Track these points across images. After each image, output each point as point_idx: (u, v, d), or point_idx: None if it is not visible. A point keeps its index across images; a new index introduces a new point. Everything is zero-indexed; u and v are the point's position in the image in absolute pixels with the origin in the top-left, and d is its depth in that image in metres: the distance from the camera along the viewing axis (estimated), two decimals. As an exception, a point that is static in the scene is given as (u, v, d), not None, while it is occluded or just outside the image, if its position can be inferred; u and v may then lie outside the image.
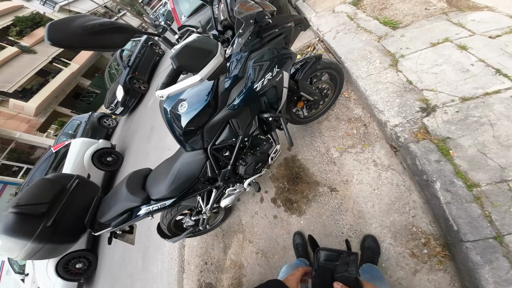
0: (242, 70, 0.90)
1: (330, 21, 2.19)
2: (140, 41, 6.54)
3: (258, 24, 0.89)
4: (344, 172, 1.40)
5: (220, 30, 1.03)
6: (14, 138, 8.84)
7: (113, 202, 1.15)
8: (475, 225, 0.86)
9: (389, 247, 1.08)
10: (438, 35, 1.56)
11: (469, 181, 0.95)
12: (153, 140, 3.92)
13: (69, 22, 0.53)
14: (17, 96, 10.39)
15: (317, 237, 1.34)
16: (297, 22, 1.09)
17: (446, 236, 0.95)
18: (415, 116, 1.28)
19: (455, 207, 0.92)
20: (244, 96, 0.92)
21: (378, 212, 1.18)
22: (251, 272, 1.50)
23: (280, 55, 0.98)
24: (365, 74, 1.62)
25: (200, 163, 1.09)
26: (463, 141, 1.06)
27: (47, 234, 0.95)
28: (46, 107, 11.16)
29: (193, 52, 0.63)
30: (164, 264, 2.12)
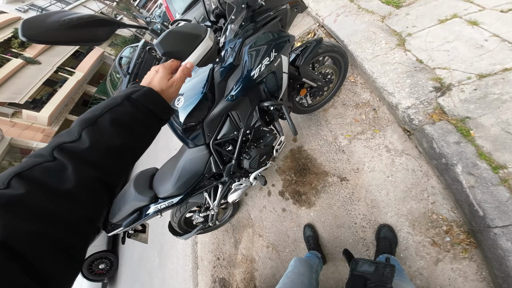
0: (237, 58, 0.84)
1: (329, 5, 2.04)
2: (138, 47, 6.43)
3: (251, 8, 0.83)
4: (354, 160, 1.31)
5: (213, 21, 0.96)
6: (32, 148, 9.06)
7: (122, 202, 1.13)
8: (503, 209, 0.77)
9: (407, 236, 1.00)
10: (445, 12, 1.43)
11: (494, 162, 0.85)
12: (161, 140, 3.91)
13: (45, 18, 0.49)
14: (28, 107, 10.60)
15: (328, 228, 1.27)
16: (293, 4, 1.01)
17: (470, 222, 0.86)
18: (428, 96, 1.17)
19: (480, 191, 0.82)
20: (241, 85, 0.86)
21: (394, 200, 1.09)
22: (262, 266, 1.46)
23: (276, 39, 0.91)
24: (371, 56, 1.50)
25: (204, 159, 1.05)
26: (485, 120, 0.95)
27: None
28: (57, 116, 11.37)
29: (179, 37, 0.58)
30: (179, 261, 2.13)
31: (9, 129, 9.66)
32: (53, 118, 11.07)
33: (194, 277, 1.88)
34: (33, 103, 10.93)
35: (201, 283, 1.82)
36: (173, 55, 0.58)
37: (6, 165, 8.09)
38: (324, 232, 1.27)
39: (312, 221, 1.34)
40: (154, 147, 4.03)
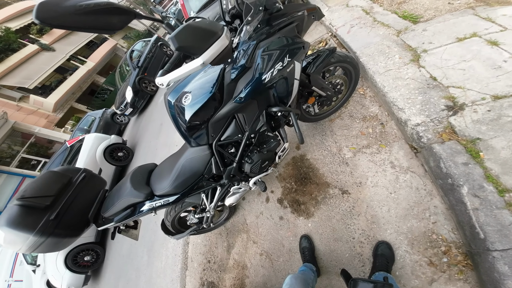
0: (250, 60, 0.85)
1: (344, 15, 2.12)
2: (150, 41, 6.75)
3: (268, 11, 0.85)
4: (357, 173, 1.33)
5: (228, 21, 0.98)
6: (33, 133, 9.44)
7: (117, 197, 1.14)
8: (505, 233, 0.79)
9: (405, 254, 1.00)
10: (464, 30, 1.46)
11: (501, 185, 0.86)
12: (162, 136, 4.02)
13: (62, 1, 0.51)
14: (37, 92, 11.16)
15: (325, 241, 1.28)
16: (310, 11, 1.04)
17: (470, 244, 0.87)
18: (440, 114, 1.19)
19: (484, 213, 0.84)
20: (251, 88, 0.87)
21: (394, 217, 1.10)
22: (254, 274, 1.47)
23: (291, 44, 0.92)
24: (383, 70, 1.54)
25: (205, 159, 1.06)
26: (496, 142, 0.96)
27: (50, 227, 0.94)
28: (63, 103, 11.88)
29: (195, 32, 0.59)
30: (168, 260, 2.14)
31: (14, 112, 10.10)
32: (59, 105, 11.57)
33: (182, 278, 1.89)
34: (42, 89, 11.51)
35: (189, 284, 1.82)
36: (186, 50, 0.59)
37: (5, 148, 8.42)
38: (321, 244, 1.28)
39: (310, 232, 1.35)
40: (154, 142, 4.14)
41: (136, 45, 6.82)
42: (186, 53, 0.64)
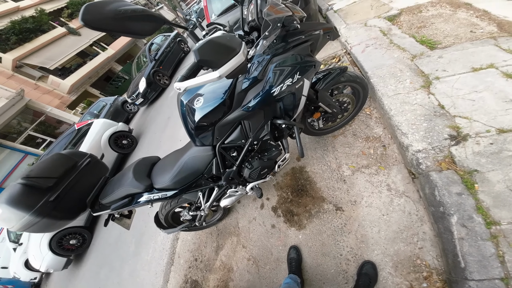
0: (262, 73, 0.92)
1: (361, 34, 2.22)
2: (170, 37, 7.16)
3: (286, 28, 0.91)
4: (353, 192, 1.39)
5: (246, 31, 1.07)
6: (45, 112, 10.01)
7: (117, 185, 1.20)
8: (484, 264, 0.83)
9: (388, 276, 1.05)
10: (482, 60, 1.50)
11: (490, 218, 0.91)
12: (168, 129, 4.19)
13: (104, 5, 0.58)
14: (56, 73, 11.95)
15: (313, 255, 1.33)
16: (326, 30, 1.10)
17: (450, 272, 0.91)
18: (442, 143, 1.24)
19: (468, 243, 0.88)
20: (260, 99, 0.94)
21: (383, 239, 1.14)
22: (239, 278, 1.53)
23: (303, 62, 0.98)
24: (392, 93, 1.61)
25: (207, 159, 1.13)
26: (492, 175, 1.01)
27: (47, 208, 0.98)
28: (79, 87, 12.63)
29: (216, 47, 0.65)
30: (155, 253, 2.21)
31: (31, 90, 10.77)
32: (74, 88, 12.29)
33: (167, 273, 1.95)
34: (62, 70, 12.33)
35: (172, 280, 1.88)
36: (207, 63, 0.67)
37: (14, 123, 8.88)
38: (309, 257, 1.33)
39: (299, 244, 1.41)
40: (159, 134, 4.33)
41: (156, 39, 7.27)
42: (205, 65, 0.75)
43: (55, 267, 3.34)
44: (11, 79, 10.55)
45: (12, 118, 8.71)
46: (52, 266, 3.29)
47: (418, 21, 2.14)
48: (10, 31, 10.64)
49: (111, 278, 2.65)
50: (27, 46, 11.00)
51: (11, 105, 8.51)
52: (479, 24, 1.85)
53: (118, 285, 2.44)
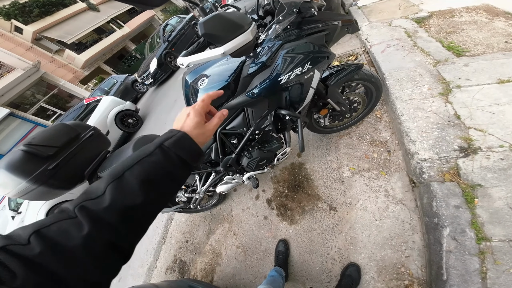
0: (271, 59, 0.90)
1: (383, 34, 2.18)
2: (185, 19, 7.25)
3: (301, 14, 0.88)
4: (350, 194, 1.42)
5: (261, 16, 1.05)
6: (58, 85, 10.55)
7: (116, 160, 1.23)
8: (466, 279, 0.85)
9: (370, 280, 1.09)
10: (511, 72, 1.45)
11: (482, 233, 0.92)
12: (174, 111, 4.34)
13: None
14: (72, 48, 12.51)
15: (301, 250, 1.39)
16: (345, 23, 1.06)
17: (431, 283, 0.94)
18: (450, 154, 1.24)
19: (455, 257, 0.91)
20: (266, 86, 0.93)
21: (372, 244, 1.18)
22: (226, 264, 1.62)
23: (316, 52, 0.95)
24: (407, 97, 1.59)
25: (206, 143, 1.17)
26: (495, 191, 1.01)
27: (45, 176, 1.00)
28: (93, 62, 13.18)
29: (223, 22, 0.65)
30: (148, 231, 2.34)
31: (47, 63, 11.34)
32: (88, 63, 12.83)
33: (157, 251, 2.09)
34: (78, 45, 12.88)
35: (162, 259, 2.01)
36: (211, 38, 0.66)
37: (28, 95, 9.36)
38: (296, 252, 1.39)
39: (289, 238, 1.47)
40: (165, 116, 4.48)
41: (171, 20, 7.40)
42: (210, 40, 0.72)
43: None
44: (29, 50, 11.17)
45: (26, 89, 9.24)
46: None
47: (448, 26, 2.08)
48: (34, 3, 11.18)
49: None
50: (47, 19, 11.55)
51: (26, 76, 9.04)
52: (516, 35, 1.78)
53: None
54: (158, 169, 0.36)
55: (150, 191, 0.34)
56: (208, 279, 1.62)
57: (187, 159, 0.39)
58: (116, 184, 0.32)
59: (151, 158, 0.36)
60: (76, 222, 0.28)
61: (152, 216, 0.38)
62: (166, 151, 0.37)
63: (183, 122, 0.43)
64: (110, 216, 0.30)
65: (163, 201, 0.39)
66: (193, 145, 0.41)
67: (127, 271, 2.23)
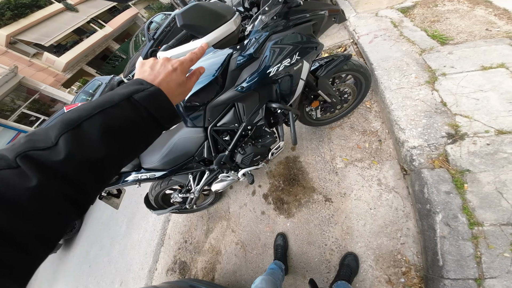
0: (258, 50, 0.88)
1: (370, 24, 2.16)
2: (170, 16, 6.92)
3: (288, 5, 0.86)
4: (344, 184, 1.42)
5: (247, 8, 1.01)
6: (39, 90, 9.89)
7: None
8: (461, 263, 0.87)
9: (368, 269, 1.10)
10: (493, 59, 1.47)
11: (474, 218, 0.94)
12: None
13: None
14: (51, 50, 11.70)
15: (299, 243, 1.38)
16: (332, 12, 1.04)
17: (428, 269, 0.95)
18: (438, 141, 1.25)
19: (449, 242, 0.92)
20: (255, 79, 0.90)
21: (368, 232, 1.19)
22: (226, 261, 1.60)
23: (304, 42, 0.93)
24: (395, 87, 1.59)
25: (198, 141, 1.12)
26: (483, 176, 1.03)
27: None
28: (74, 65, 12.41)
29: (203, 12, 0.62)
30: (146, 234, 2.31)
31: (24, 67, 10.58)
32: (70, 66, 12.08)
33: (156, 253, 2.04)
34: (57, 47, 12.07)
35: (161, 260, 1.98)
36: (191, 29, 0.62)
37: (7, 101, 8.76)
38: (295, 245, 1.39)
39: (287, 231, 1.46)
40: None
41: (156, 17, 7.03)
42: (190, 31, 0.67)
43: None
44: (4, 55, 10.35)
45: (5, 95, 8.63)
46: None
47: (432, 15, 2.08)
48: (5, 6, 10.32)
49: (101, 256, 2.76)
50: (22, 22, 10.70)
51: (4, 82, 8.41)
52: (496, 22, 1.80)
53: (108, 263, 2.56)
54: (125, 123, 0.31)
55: (114, 146, 0.30)
56: (209, 278, 1.60)
57: (160, 119, 0.34)
58: (72, 135, 0.27)
59: (116, 110, 0.30)
60: (20, 172, 0.24)
61: (116, 171, 0.33)
62: (136, 105, 0.32)
63: (162, 76, 0.37)
64: (65, 169, 0.26)
65: (128, 158, 0.34)
66: (169, 105, 0.35)
67: (127, 274, 2.19)
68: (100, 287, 2.42)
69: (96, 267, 2.69)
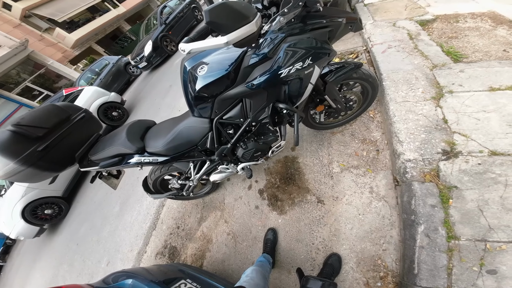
0: (273, 51, 0.92)
1: (386, 34, 2.23)
2: (184, 2, 7.04)
3: (307, 9, 0.90)
4: (338, 188, 1.52)
5: (265, 5, 1.06)
6: (46, 64, 10.17)
7: (109, 143, 1.25)
8: (434, 273, 0.97)
9: (350, 270, 1.21)
10: (503, 81, 1.53)
11: (452, 232, 1.03)
12: (168, 97, 4.33)
13: None
14: (63, 26, 12.02)
15: (288, 240, 1.50)
16: (349, 20, 1.08)
17: (404, 276, 1.05)
18: (433, 156, 1.33)
19: (426, 252, 1.02)
20: (266, 78, 0.95)
21: (354, 236, 1.29)
22: (216, 250, 1.72)
23: (318, 48, 0.98)
24: (401, 99, 1.67)
25: (203, 131, 1.19)
26: (468, 194, 1.12)
27: (34, 158, 1.00)
28: (84, 42, 12.72)
29: (228, 11, 0.67)
30: (139, 216, 2.43)
31: (35, 41, 10.87)
32: (79, 43, 12.39)
33: (147, 237, 2.17)
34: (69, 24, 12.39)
35: (152, 244, 2.10)
36: (216, 26, 0.67)
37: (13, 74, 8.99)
38: (284, 241, 1.50)
39: (277, 227, 1.57)
40: (159, 101, 4.46)
41: (170, 2, 7.18)
42: (214, 29, 0.73)
43: (26, 235, 3.39)
44: (17, 28, 10.70)
45: (12, 68, 8.89)
46: (23, 234, 3.34)
47: (451, 31, 2.13)
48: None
49: (90, 235, 2.89)
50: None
51: (13, 55, 8.68)
52: (516, 44, 1.85)
53: (97, 242, 2.68)
54: None
55: None
56: (198, 264, 1.73)
57: None
58: None
59: None
60: None
61: None
62: None
63: None
64: None
65: None
66: None
67: (115, 255, 2.31)
68: (86, 265, 2.53)
69: (84, 246, 2.81)
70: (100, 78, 6.88)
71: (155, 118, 1.63)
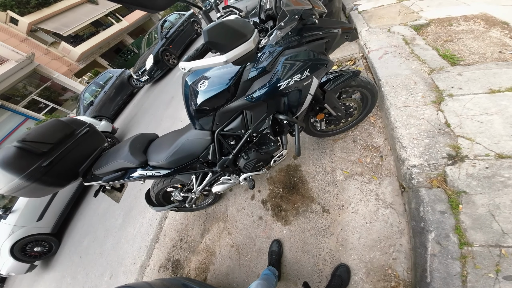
0: (271, 64, 0.94)
1: (382, 40, 2.25)
2: (184, 16, 7.22)
3: (303, 21, 0.91)
4: (342, 197, 1.48)
5: (262, 19, 1.08)
6: (52, 78, 10.42)
7: (112, 157, 1.27)
8: (448, 282, 0.91)
9: (359, 281, 1.15)
10: (502, 83, 1.52)
11: (465, 238, 0.98)
12: (170, 109, 4.37)
13: None
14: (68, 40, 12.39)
15: (294, 251, 1.44)
16: (345, 30, 1.09)
17: (416, 285, 1.00)
18: (439, 161, 1.30)
19: (438, 260, 0.97)
20: (265, 91, 0.97)
21: (362, 246, 1.24)
22: (220, 262, 1.67)
23: (315, 59, 1.00)
24: (401, 104, 1.66)
25: (204, 144, 1.20)
26: (478, 198, 1.08)
27: (39, 173, 1.01)
28: (88, 55, 13.06)
29: (226, 31, 0.67)
30: (141, 229, 2.39)
31: (41, 55, 11.21)
32: (84, 56, 12.72)
33: (150, 249, 2.12)
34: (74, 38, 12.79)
35: (155, 257, 2.05)
36: (215, 46, 0.69)
37: (20, 87, 9.20)
38: (289, 252, 1.44)
39: (282, 238, 1.52)
40: (161, 113, 4.50)
41: (170, 16, 7.39)
42: (213, 48, 0.75)
43: (17, 271, 3.28)
44: (24, 42, 11.04)
45: (18, 81, 9.11)
46: (13, 271, 3.24)
47: (445, 34, 2.14)
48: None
49: (93, 247, 2.84)
50: (44, 11, 11.47)
51: (19, 68, 8.92)
52: (511, 45, 1.85)
53: (99, 255, 2.63)
54: None
55: None
56: (202, 278, 1.67)
57: None
58: None
59: None
60: None
61: None
62: None
63: None
64: None
65: None
66: None
67: (118, 268, 2.26)
68: (89, 278, 2.49)
69: (87, 258, 2.77)
70: (104, 90, 7.00)
71: (157, 128, 1.62)
